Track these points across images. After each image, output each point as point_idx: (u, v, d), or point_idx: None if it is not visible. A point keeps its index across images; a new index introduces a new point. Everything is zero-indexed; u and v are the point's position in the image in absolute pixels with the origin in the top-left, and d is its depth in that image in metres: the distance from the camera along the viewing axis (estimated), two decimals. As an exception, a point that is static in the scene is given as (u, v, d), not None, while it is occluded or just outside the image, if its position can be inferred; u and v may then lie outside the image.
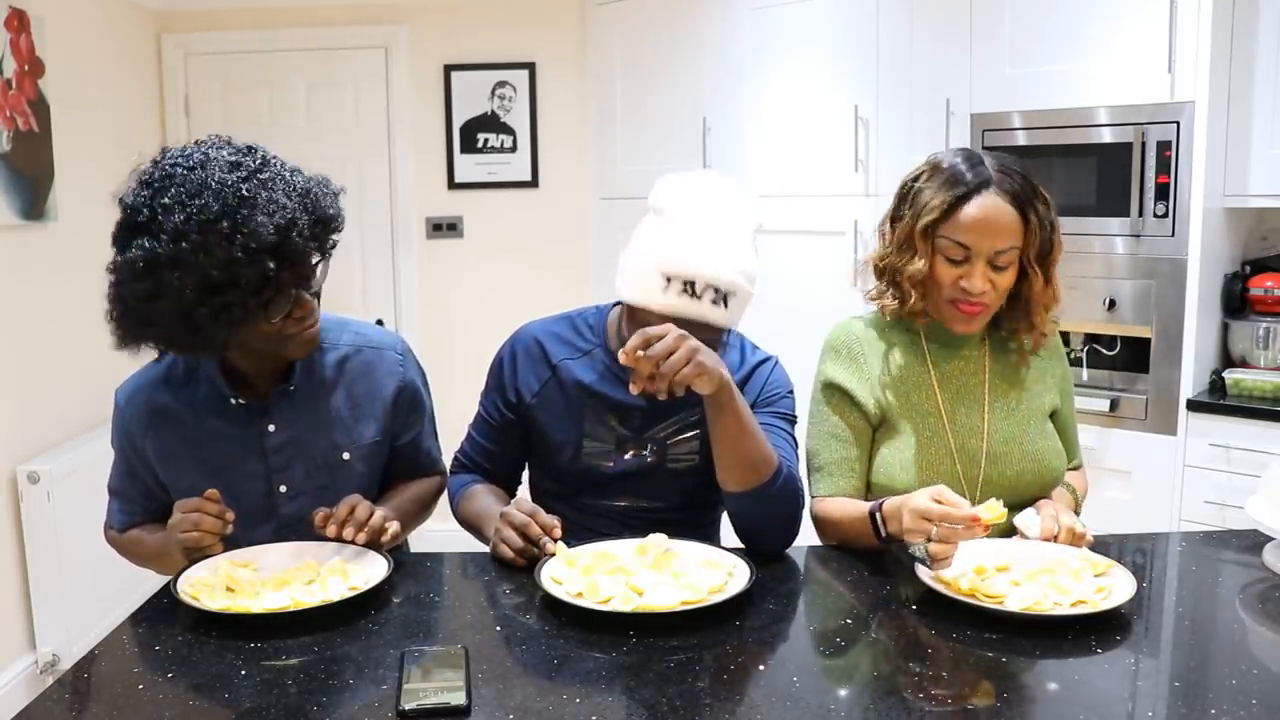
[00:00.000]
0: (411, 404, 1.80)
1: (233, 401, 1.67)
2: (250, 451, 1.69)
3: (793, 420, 1.80)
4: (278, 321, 1.54)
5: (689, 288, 1.60)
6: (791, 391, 1.84)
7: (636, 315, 1.67)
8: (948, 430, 1.69)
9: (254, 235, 1.42)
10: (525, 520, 1.58)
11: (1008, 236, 1.61)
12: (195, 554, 1.53)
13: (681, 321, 1.59)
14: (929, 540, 1.43)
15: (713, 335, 1.66)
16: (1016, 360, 1.75)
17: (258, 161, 1.50)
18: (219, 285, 1.42)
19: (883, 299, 1.74)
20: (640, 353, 1.46)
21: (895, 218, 1.72)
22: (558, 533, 1.57)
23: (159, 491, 1.72)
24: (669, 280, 1.61)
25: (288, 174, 1.53)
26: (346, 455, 1.72)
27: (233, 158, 1.49)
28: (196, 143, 1.52)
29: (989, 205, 1.61)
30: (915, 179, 1.69)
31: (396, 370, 1.78)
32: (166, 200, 1.42)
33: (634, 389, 1.49)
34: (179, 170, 1.45)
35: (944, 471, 1.67)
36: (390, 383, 1.77)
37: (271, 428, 1.69)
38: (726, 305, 1.65)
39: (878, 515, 1.55)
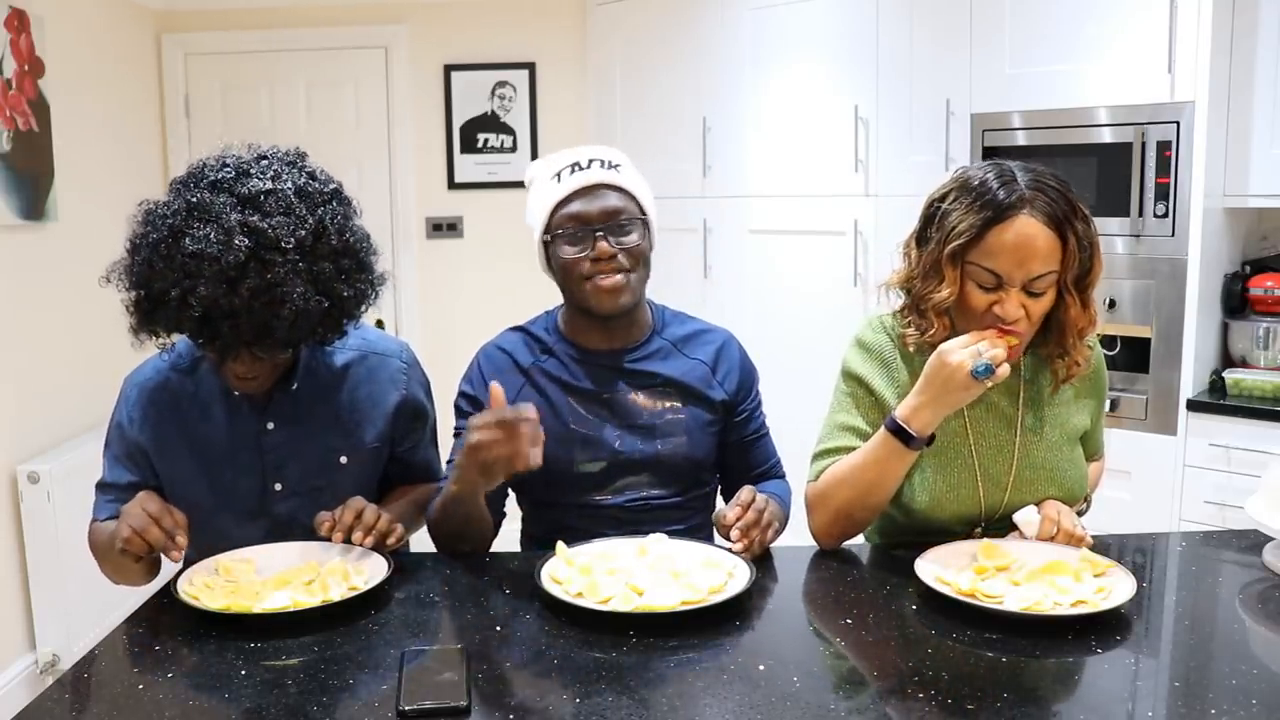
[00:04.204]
0: (413, 416, 1.80)
1: (235, 393, 1.68)
2: (247, 447, 1.68)
3: (761, 401, 1.89)
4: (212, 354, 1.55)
5: (575, 166, 1.71)
6: (755, 369, 1.88)
7: (563, 257, 1.69)
8: (973, 452, 1.61)
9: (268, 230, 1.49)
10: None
11: (1043, 262, 1.49)
12: (126, 551, 1.50)
13: (588, 195, 1.68)
14: (979, 357, 1.43)
15: (626, 207, 1.71)
16: (1050, 382, 1.64)
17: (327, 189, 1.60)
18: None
19: (906, 328, 1.62)
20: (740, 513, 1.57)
21: (921, 239, 1.60)
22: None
23: (151, 478, 1.70)
24: (558, 175, 1.71)
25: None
26: (344, 459, 1.72)
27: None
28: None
29: (1022, 229, 1.48)
30: (942, 198, 1.56)
31: (400, 380, 1.78)
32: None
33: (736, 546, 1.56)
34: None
35: (965, 495, 1.61)
36: (393, 393, 1.76)
37: (270, 425, 1.69)
38: (620, 172, 1.72)
39: (899, 420, 1.50)
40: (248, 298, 1.45)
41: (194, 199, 1.49)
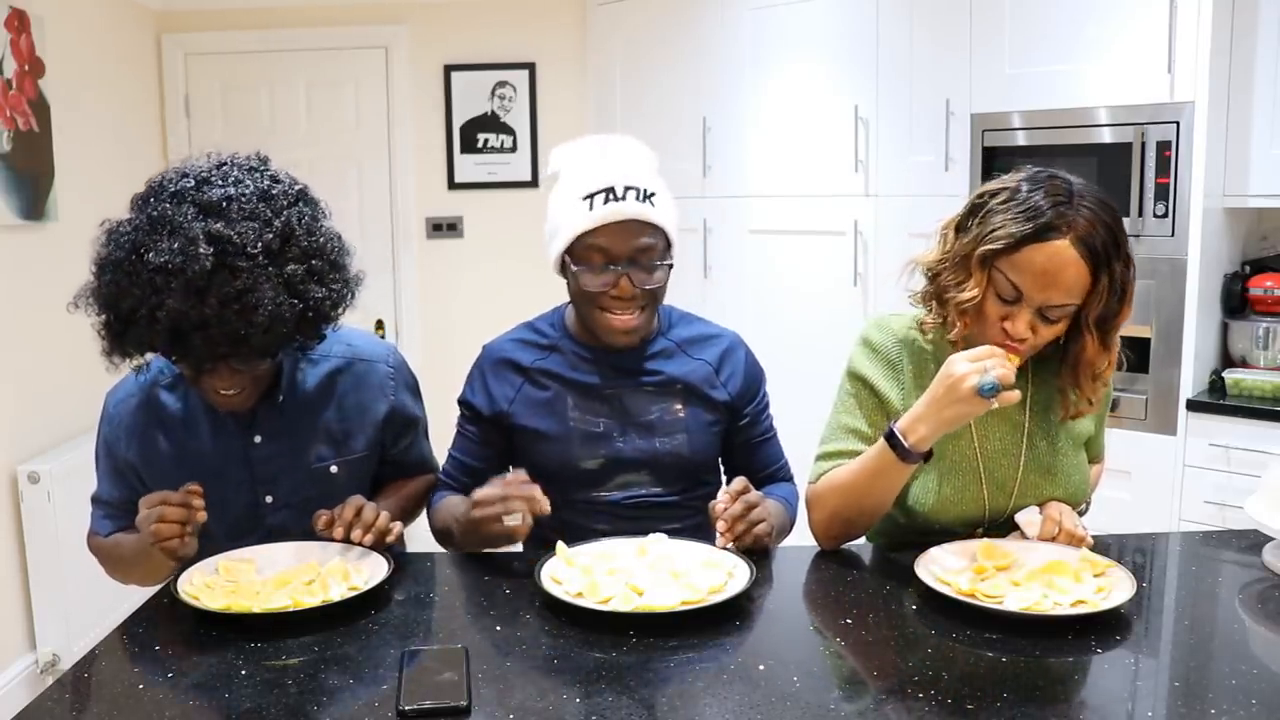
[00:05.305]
0: (403, 423, 1.79)
1: (220, 409, 1.65)
2: (236, 461, 1.66)
3: (768, 404, 1.88)
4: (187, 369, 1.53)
5: (610, 195, 1.64)
6: (762, 372, 1.88)
7: (583, 287, 1.68)
8: (978, 456, 1.61)
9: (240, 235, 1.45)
10: (504, 486, 1.56)
11: (1065, 293, 1.46)
12: (172, 549, 1.50)
13: (619, 230, 1.64)
14: (985, 374, 1.38)
15: (655, 245, 1.68)
16: (1056, 402, 1.63)
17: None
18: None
19: (927, 315, 1.60)
20: (725, 507, 1.57)
21: (960, 225, 1.56)
22: (543, 500, 1.55)
23: (142, 493, 1.65)
24: (589, 199, 1.65)
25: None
26: (334, 469, 1.70)
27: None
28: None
29: (1057, 254, 1.44)
30: (993, 195, 1.52)
31: (389, 386, 1.76)
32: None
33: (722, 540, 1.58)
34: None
35: (969, 499, 1.60)
36: (381, 402, 1.75)
37: (258, 439, 1.67)
38: (654, 205, 1.67)
39: (896, 432, 1.47)
40: (217, 307, 1.41)
41: (154, 212, 1.45)
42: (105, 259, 1.47)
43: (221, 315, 1.42)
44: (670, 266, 1.71)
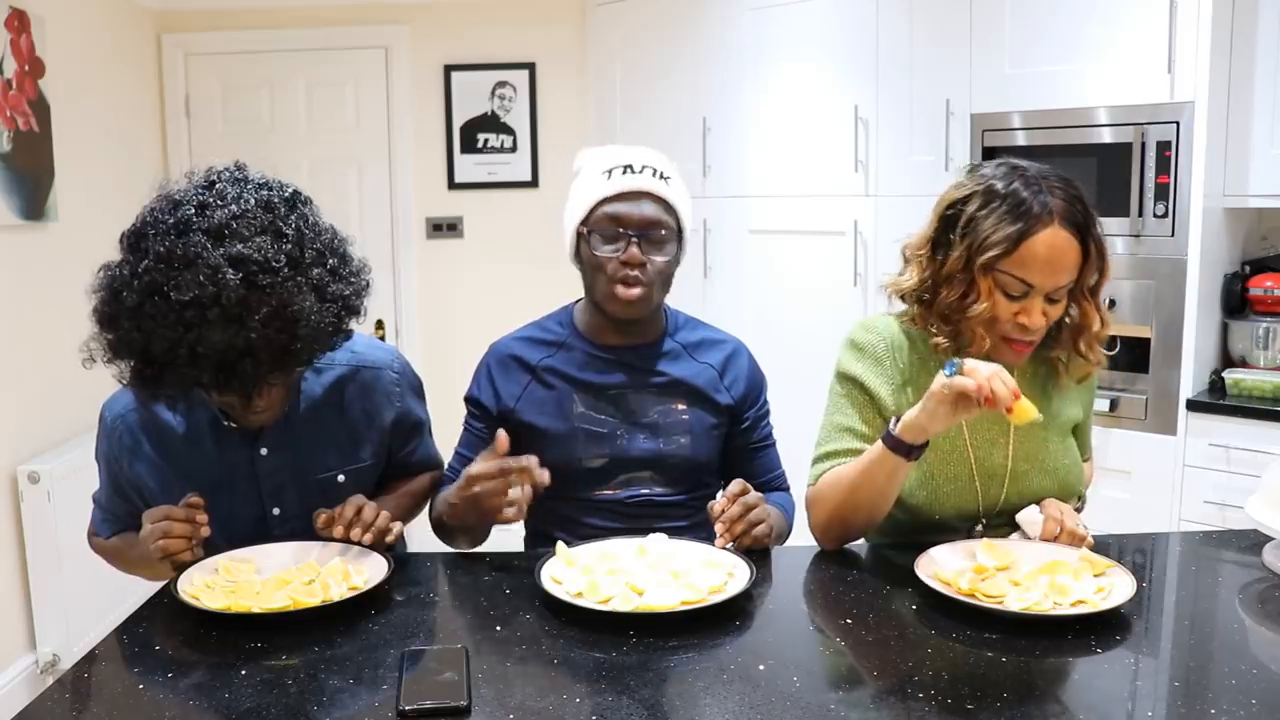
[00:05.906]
0: (410, 429, 1.78)
1: (224, 423, 1.63)
2: (242, 474, 1.64)
3: (768, 411, 1.90)
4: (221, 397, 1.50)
5: (628, 169, 1.71)
6: (764, 379, 1.89)
7: (594, 253, 1.70)
8: (968, 446, 1.62)
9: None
10: (498, 464, 1.56)
11: (1069, 273, 1.52)
12: (180, 563, 1.50)
13: (633, 199, 1.69)
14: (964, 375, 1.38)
15: (668, 222, 1.72)
16: (1050, 378, 1.66)
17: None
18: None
19: (934, 336, 1.60)
20: (723, 509, 1.57)
21: (938, 242, 1.58)
22: (541, 473, 1.55)
23: (143, 507, 1.64)
24: (608, 172, 1.72)
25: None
26: (342, 478, 1.69)
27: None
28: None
29: (1053, 241, 1.49)
30: (965, 201, 1.55)
31: (394, 393, 1.74)
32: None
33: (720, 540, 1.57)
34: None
35: (961, 489, 1.61)
36: (388, 410, 1.73)
37: (264, 451, 1.65)
38: (669, 185, 1.73)
39: (893, 425, 1.48)
40: (260, 328, 1.38)
41: (161, 249, 1.38)
42: (117, 308, 1.40)
43: (265, 336, 1.39)
44: (681, 247, 1.75)
